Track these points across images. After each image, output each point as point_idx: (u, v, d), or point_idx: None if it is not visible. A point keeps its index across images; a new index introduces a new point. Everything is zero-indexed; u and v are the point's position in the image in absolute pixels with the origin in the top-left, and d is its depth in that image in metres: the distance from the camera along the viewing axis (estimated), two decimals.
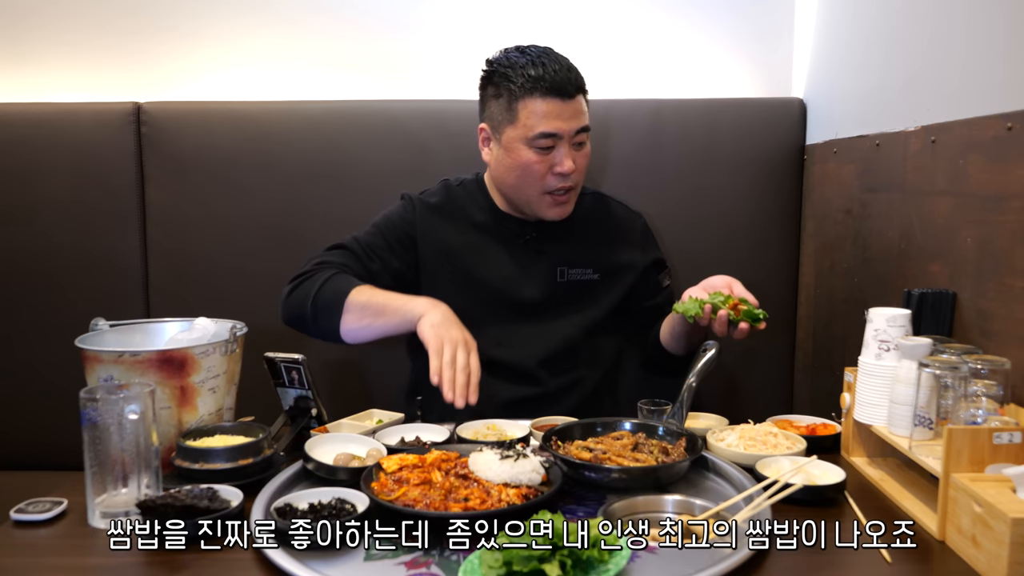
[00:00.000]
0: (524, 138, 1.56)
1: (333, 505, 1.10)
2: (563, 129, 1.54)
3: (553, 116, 1.53)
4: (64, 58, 2.13)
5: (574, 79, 1.56)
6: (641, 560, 1.00)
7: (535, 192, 1.61)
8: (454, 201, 1.74)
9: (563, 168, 1.56)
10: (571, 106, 1.54)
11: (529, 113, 1.54)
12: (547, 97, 1.53)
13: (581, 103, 1.57)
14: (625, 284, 1.74)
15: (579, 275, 1.71)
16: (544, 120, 1.54)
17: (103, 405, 1.11)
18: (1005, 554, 0.93)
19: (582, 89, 1.58)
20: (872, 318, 1.28)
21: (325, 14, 2.12)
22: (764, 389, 2.10)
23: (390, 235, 1.70)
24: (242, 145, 2.04)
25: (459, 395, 1.35)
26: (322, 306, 1.55)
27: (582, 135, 1.58)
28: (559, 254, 1.70)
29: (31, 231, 2.04)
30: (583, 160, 1.61)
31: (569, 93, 1.54)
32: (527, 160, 1.57)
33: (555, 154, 1.56)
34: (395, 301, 1.52)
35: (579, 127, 1.56)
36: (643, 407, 1.43)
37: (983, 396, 1.10)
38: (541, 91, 1.53)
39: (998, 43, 1.27)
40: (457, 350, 1.39)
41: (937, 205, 1.41)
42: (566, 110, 1.54)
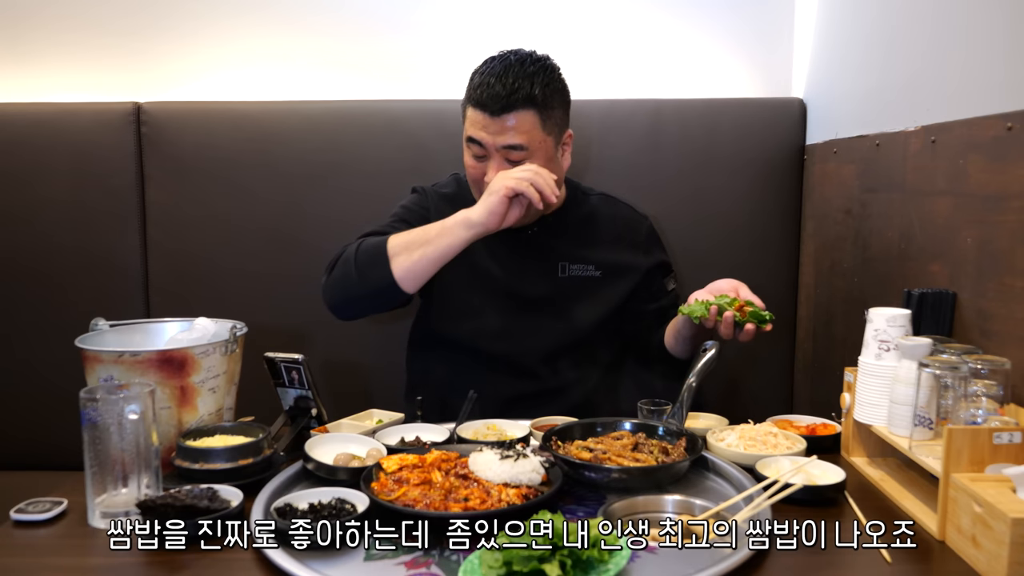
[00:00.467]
0: (465, 138, 1.61)
1: (333, 505, 1.10)
2: (486, 140, 1.56)
3: (479, 126, 1.56)
4: (64, 58, 2.13)
5: (506, 97, 1.53)
6: (641, 560, 1.00)
7: (477, 193, 1.64)
8: (464, 194, 1.74)
9: (488, 179, 1.57)
10: (497, 122, 1.54)
11: (468, 118, 1.60)
12: (476, 108, 1.57)
13: (517, 120, 1.54)
14: (627, 284, 1.74)
15: (580, 271, 1.71)
16: (470, 127, 1.58)
17: (103, 405, 1.11)
18: (1005, 554, 0.93)
19: (523, 107, 1.54)
20: (872, 318, 1.27)
21: (325, 14, 2.12)
22: (764, 389, 2.10)
23: (411, 219, 1.69)
24: (242, 145, 2.04)
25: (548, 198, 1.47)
26: (366, 264, 1.53)
27: (514, 152, 1.55)
28: (561, 249, 1.71)
29: (31, 231, 2.04)
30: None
31: (492, 110, 1.53)
32: (467, 161, 1.63)
33: (486, 163, 1.59)
34: (433, 225, 1.53)
35: (504, 144, 1.55)
36: (643, 407, 1.43)
37: (983, 396, 1.10)
38: (473, 101, 1.57)
39: (998, 43, 1.27)
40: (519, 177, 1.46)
41: (937, 205, 1.41)
42: (491, 125, 1.55)
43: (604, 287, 1.72)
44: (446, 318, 1.71)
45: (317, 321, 2.02)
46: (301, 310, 2.04)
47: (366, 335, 2.05)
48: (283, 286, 2.06)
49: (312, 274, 2.04)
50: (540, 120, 1.57)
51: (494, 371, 1.64)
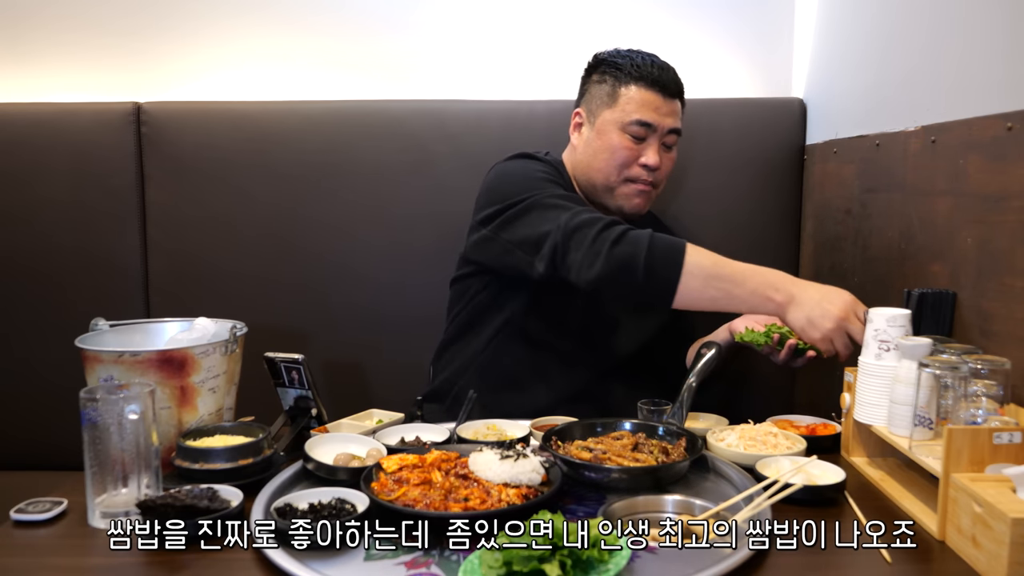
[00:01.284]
0: (620, 122, 1.61)
1: (333, 505, 1.10)
2: (657, 122, 1.60)
3: (651, 108, 1.59)
4: (64, 58, 2.13)
5: (677, 81, 1.63)
6: (641, 560, 1.00)
7: (617, 178, 1.64)
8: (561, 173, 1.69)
9: (648, 160, 1.60)
10: (669, 104, 1.61)
11: (629, 99, 1.60)
12: (649, 88, 1.59)
13: (679, 107, 1.64)
14: None
15: None
16: (641, 108, 1.59)
17: (103, 405, 1.11)
18: (1005, 554, 0.93)
19: (682, 95, 1.65)
20: (872, 318, 1.27)
21: (325, 14, 2.12)
22: (764, 389, 2.10)
23: (561, 180, 1.62)
24: (242, 145, 2.04)
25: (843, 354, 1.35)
26: (659, 263, 1.37)
27: (673, 136, 1.64)
28: None
29: (31, 231, 2.04)
30: (669, 163, 1.66)
31: (670, 92, 1.61)
32: (617, 144, 1.61)
33: (644, 146, 1.61)
34: (744, 274, 1.38)
35: (672, 127, 1.62)
36: (643, 407, 1.43)
37: (983, 396, 1.10)
38: (646, 81, 1.59)
39: (997, 43, 1.27)
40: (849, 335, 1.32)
41: (937, 205, 1.41)
42: (664, 106, 1.60)
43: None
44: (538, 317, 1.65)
45: (317, 321, 2.02)
46: (301, 310, 2.05)
47: (366, 335, 2.05)
48: (283, 286, 2.06)
49: (312, 274, 2.05)
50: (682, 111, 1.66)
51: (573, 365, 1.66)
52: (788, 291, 1.35)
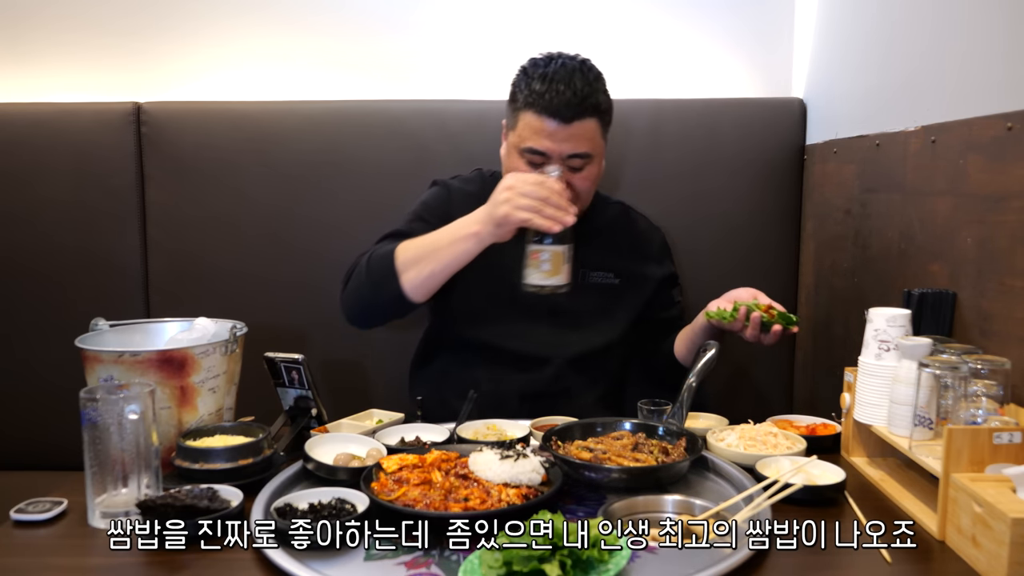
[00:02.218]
0: (518, 147, 1.56)
1: (333, 505, 1.10)
2: (552, 150, 1.52)
3: (544, 135, 1.51)
4: (64, 58, 2.13)
5: (577, 104, 1.50)
6: (641, 560, 1.00)
7: None
8: (487, 191, 1.68)
9: None
10: (566, 130, 1.51)
11: (524, 125, 1.54)
12: (541, 115, 1.51)
13: (583, 128, 1.53)
14: (644, 293, 1.75)
15: (600, 279, 1.71)
16: (534, 136, 1.52)
17: (103, 405, 1.11)
18: (1005, 554, 0.93)
19: (590, 115, 1.53)
20: (872, 318, 1.28)
21: (325, 14, 2.12)
22: (764, 389, 2.10)
23: (431, 216, 1.66)
24: (242, 145, 2.04)
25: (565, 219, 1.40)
26: (377, 282, 1.53)
27: (577, 160, 1.55)
28: (581, 256, 1.67)
29: (31, 231, 2.04)
30: (581, 183, 1.58)
31: (565, 118, 1.50)
32: (517, 168, 1.57)
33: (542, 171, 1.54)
34: (441, 235, 1.50)
35: (572, 152, 1.53)
36: (643, 407, 1.43)
37: (983, 396, 1.10)
38: (537, 108, 1.51)
39: (998, 43, 1.27)
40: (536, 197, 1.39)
41: (937, 205, 1.41)
42: (559, 133, 1.51)
43: (624, 295, 1.73)
44: (466, 322, 1.68)
45: (317, 321, 2.02)
46: (301, 310, 2.05)
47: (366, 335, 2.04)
48: (283, 286, 2.06)
49: (312, 274, 2.05)
50: (600, 127, 1.57)
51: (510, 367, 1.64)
52: (475, 217, 1.48)
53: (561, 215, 1.40)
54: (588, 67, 1.57)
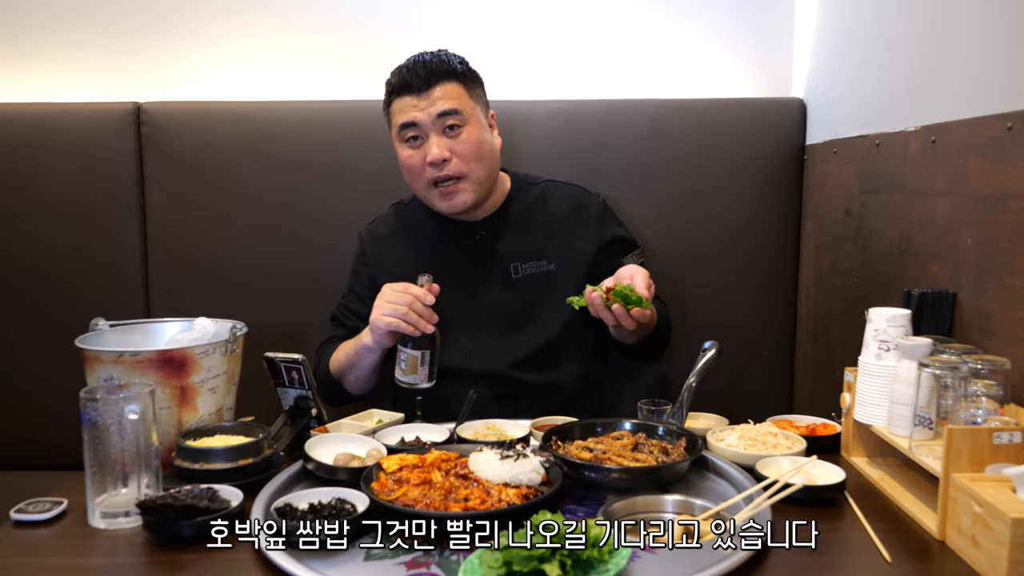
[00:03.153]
0: (396, 137, 1.63)
1: (333, 505, 1.10)
2: (419, 118, 1.58)
3: (408, 109, 1.59)
4: (64, 58, 2.13)
5: (427, 73, 1.58)
6: (641, 560, 1.00)
7: (422, 187, 1.64)
8: (403, 222, 1.76)
9: (431, 156, 1.58)
10: (426, 97, 1.58)
11: (393, 114, 1.63)
12: (400, 95, 1.60)
13: (444, 91, 1.58)
14: (583, 268, 1.68)
15: (534, 268, 1.68)
16: (400, 114, 1.60)
17: (103, 405, 1.12)
18: (1005, 554, 0.93)
19: (447, 78, 1.59)
20: (872, 318, 1.28)
21: (325, 14, 2.12)
22: (764, 389, 2.10)
23: (356, 284, 1.77)
24: (242, 145, 2.04)
25: (424, 327, 1.48)
26: (330, 389, 1.70)
27: (449, 118, 1.58)
28: (510, 250, 1.68)
29: (31, 231, 2.04)
30: (463, 147, 1.59)
31: (419, 88, 1.58)
32: (403, 156, 1.63)
33: (423, 144, 1.60)
34: (350, 349, 1.64)
35: (439, 111, 1.58)
36: (643, 407, 1.43)
37: (983, 396, 1.10)
38: (396, 92, 1.61)
39: (998, 43, 1.27)
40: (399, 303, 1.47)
41: (937, 205, 1.41)
42: (420, 102, 1.58)
43: (562, 279, 1.67)
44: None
45: (317, 321, 2.02)
46: (301, 310, 2.05)
47: None
48: (283, 286, 2.06)
49: (312, 274, 2.05)
50: (465, 90, 1.61)
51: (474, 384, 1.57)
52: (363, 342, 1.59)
53: (421, 324, 1.47)
54: (441, 53, 1.63)
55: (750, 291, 2.07)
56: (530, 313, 1.67)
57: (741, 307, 2.06)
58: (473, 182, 1.62)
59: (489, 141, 1.64)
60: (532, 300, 1.67)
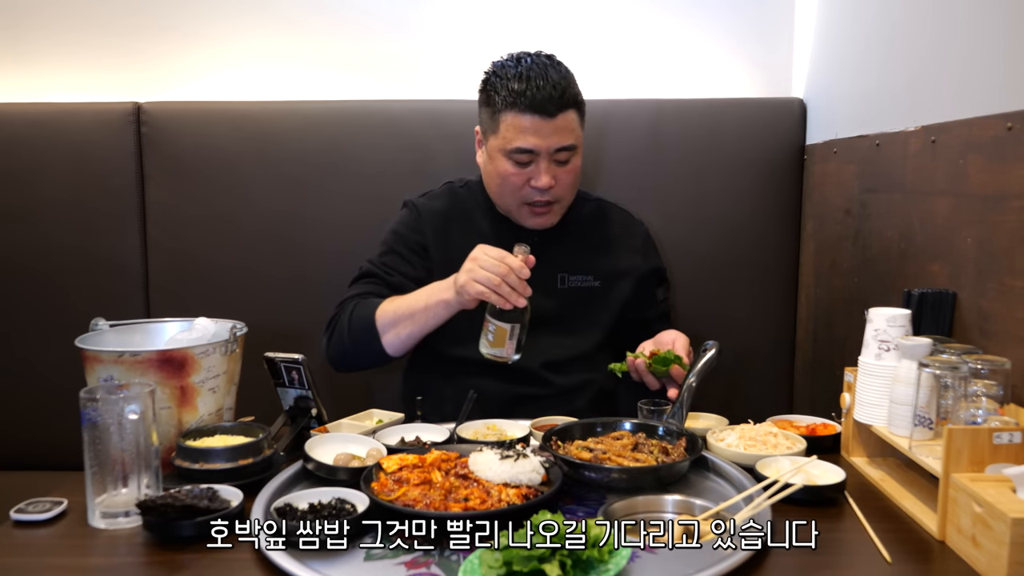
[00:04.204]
0: (503, 149, 1.58)
1: (333, 505, 1.10)
2: (540, 146, 1.55)
3: (530, 132, 1.54)
4: (64, 58, 2.13)
5: (559, 97, 1.53)
6: (641, 560, 1.00)
7: (514, 202, 1.63)
8: (459, 205, 1.74)
9: (539, 183, 1.57)
10: (551, 124, 1.54)
11: (508, 126, 1.56)
12: (526, 113, 1.53)
13: (566, 121, 1.56)
14: (625, 291, 1.73)
15: (580, 282, 1.70)
16: (521, 135, 1.55)
17: (103, 405, 1.11)
18: (1005, 554, 0.93)
19: (571, 106, 1.56)
20: (872, 318, 1.27)
21: (325, 14, 2.12)
22: (764, 389, 2.10)
23: (402, 247, 1.71)
24: (242, 145, 2.04)
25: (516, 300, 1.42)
26: (359, 340, 1.59)
27: (564, 153, 1.57)
28: (560, 260, 1.69)
29: (31, 231, 2.04)
30: (567, 176, 1.60)
31: (549, 112, 1.53)
32: (505, 171, 1.59)
33: (533, 168, 1.57)
34: (418, 298, 1.56)
35: (559, 146, 1.55)
36: (643, 407, 1.43)
37: (983, 396, 1.10)
38: (520, 107, 1.53)
39: (998, 43, 1.27)
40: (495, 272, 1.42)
41: (937, 205, 1.41)
42: (545, 127, 1.54)
43: (604, 297, 1.71)
44: (447, 338, 1.64)
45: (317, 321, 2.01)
46: (301, 310, 2.05)
47: None
48: (283, 286, 2.06)
49: (312, 274, 2.05)
50: (579, 118, 1.60)
51: (493, 377, 1.61)
52: (448, 281, 1.52)
53: (514, 297, 1.42)
54: (557, 62, 1.60)
55: (750, 291, 2.07)
56: (569, 323, 1.69)
57: (741, 307, 2.06)
58: (564, 206, 1.66)
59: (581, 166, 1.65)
60: (573, 311, 1.69)
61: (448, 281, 1.52)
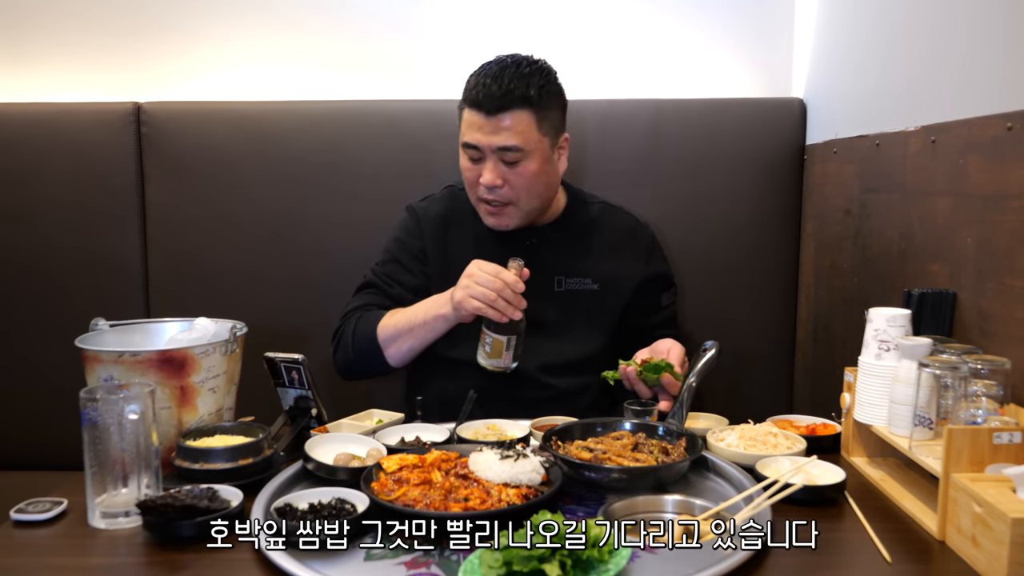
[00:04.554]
0: (461, 143, 1.61)
1: (333, 505, 1.10)
2: (481, 143, 1.56)
3: (475, 128, 1.56)
4: (64, 58, 2.13)
5: (500, 95, 1.53)
6: (641, 560, 1.00)
7: (474, 199, 1.65)
8: (459, 209, 1.73)
9: (483, 180, 1.58)
10: (491, 122, 1.54)
11: (464, 121, 1.60)
12: (471, 109, 1.57)
13: (513, 121, 1.54)
14: (625, 296, 1.72)
15: (577, 285, 1.69)
16: (468, 130, 1.58)
17: (103, 405, 1.12)
18: (1005, 554, 0.93)
19: (518, 106, 1.54)
20: (872, 318, 1.28)
21: (325, 14, 2.12)
22: (764, 389, 2.10)
23: (402, 255, 1.73)
24: (242, 145, 2.04)
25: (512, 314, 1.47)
26: (363, 353, 1.63)
27: (509, 154, 1.55)
28: (558, 263, 1.69)
29: (31, 231, 2.04)
30: (517, 179, 1.58)
31: (488, 110, 1.54)
32: (463, 165, 1.62)
33: (480, 165, 1.59)
34: (416, 312, 1.59)
35: (500, 145, 1.55)
36: (629, 407, 1.42)
37: (983, 396, 1.10)
38: (468, 102, 1.58)
39: (998, 43, 1.27)
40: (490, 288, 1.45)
41: (937, 205, 1.41)
42: (486, 125, 1.55)
43: (602, 301, 1.70)
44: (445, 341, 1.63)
45: (317, 321, 2.02)
46: (301, 310, 2.05)
47: None
48: (283, 286, 2.06)
49: (312, 274, 2.05)
50: (536, 120, 1.57)
51: (494, 380, 1.60)
52: (445, 296, 1.56)
53: (510, 311, 1.46)
54: (527, 63, 1.59)
55: (750, 291, 2.07)
56: (566, 326, 1.69)
57: (741, 307, 2.06)
58: (521, 209, 1.64)
59: (548, 172, 1.62)
60: (569, 315, 1.69)
61: (445, 296, 1.55)
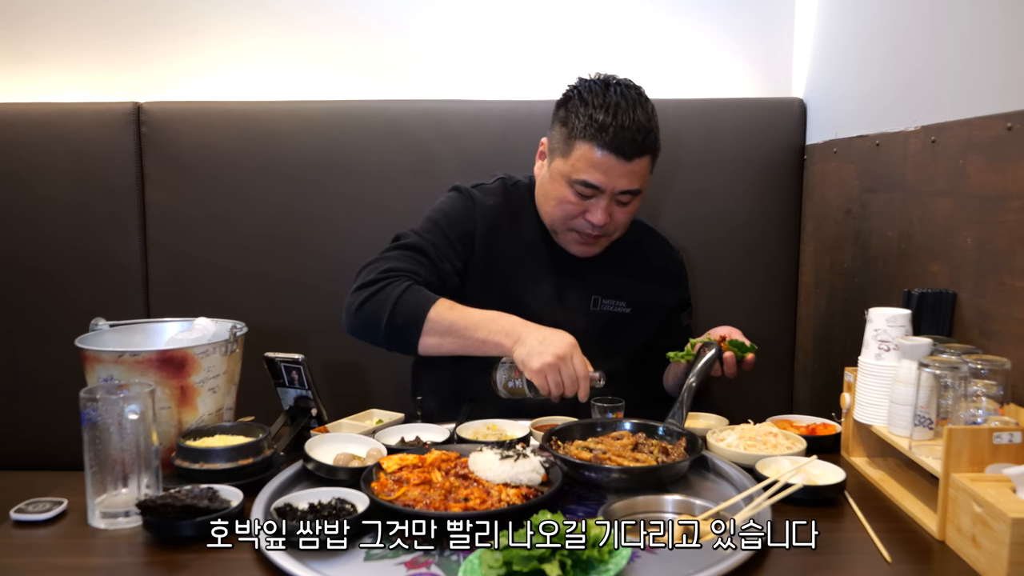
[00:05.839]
0: (568, 177, 1.52)
1: (333, 505, 1.10)
2: (606, 185, 1.49)
3: (601, 170, 1.48)
4: (64, 58, 2.13)
5: (641, 141, 1.48)
6: (641, 560, 1.00)
7: (562, 226, 1.59)
8: (510, 209, 1.67)
9: (595, 219, 1.52)
10: (625, 167, 1.48)
11: (580, 156, 1.49)
12: (603, 150, 1.47)
13: (641, 165, 1.51)
14: (655, 321, 1.71)
15: (612, 306, 1.68)
16: (590, 169, 1.49)
17: (103, 405, 1.11)
18: (1005, 554, 0.93)
19: (649, 151, 1.52)
20: (872, 318, 1.28)
21: (325, 14, 2.12)
22: (764, 389, 2.10)
23: (452, 232, 1.60)
24: (242, 145, 2.04)
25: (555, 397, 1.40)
26: (400, 324, 1.46)
27: (627, 196, 1.53)
28: (597, 282, 1.67)
29: (31, 231, 2.04)
30: (624, 216, 1.57)
31: (627, 155, 1.47)
32: (564, 197, 1.54)
33: (592, 203, 1.52)
34: (478, 326, 1.44)
35: (626, 188, 1.51)
36: (596, 404, 1.42)
37: (983, 396, 1.10)
38: (599, 141, 1.47)
39: (998, 43, 1.27)
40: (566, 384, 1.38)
41: (937, 205, 1.41)
42: (616, 168, 1.48)
43: (633, 324, 1.69)
44: None
45: (317, 321, 2.02)
46: (301, 310, 2.05)
47: None
48: (283, 286, 2.06)
49: (312, 274, 2.05)
50: (652, 163, 1.56)
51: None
52: (517, 332, 1.42)
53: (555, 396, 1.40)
54: (645, 99, 1.54)
55: (750, 291, 2.07)
56: (596, 344, 1.63)
57: (741, 307, 2.06)
58: (612, 239, 1.62)
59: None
60: (599, 334, 1.66)
61: (516, 331, 1.42)
